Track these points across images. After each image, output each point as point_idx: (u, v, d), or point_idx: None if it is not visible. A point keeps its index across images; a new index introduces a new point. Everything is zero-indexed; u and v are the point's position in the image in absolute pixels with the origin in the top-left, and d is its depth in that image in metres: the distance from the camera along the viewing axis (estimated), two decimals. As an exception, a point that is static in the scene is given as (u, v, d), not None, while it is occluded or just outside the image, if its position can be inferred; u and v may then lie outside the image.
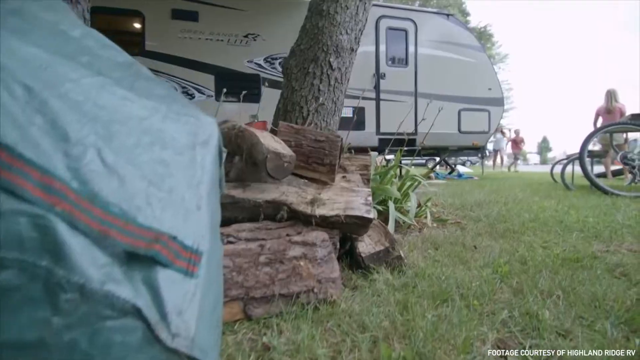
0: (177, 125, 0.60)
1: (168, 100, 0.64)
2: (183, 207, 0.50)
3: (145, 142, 0.52)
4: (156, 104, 0.59)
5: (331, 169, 1.27)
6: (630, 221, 1.85)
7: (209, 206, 0.57)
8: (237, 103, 4.76)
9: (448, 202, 2.63)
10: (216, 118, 0.78)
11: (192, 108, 0.69)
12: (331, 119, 2.21)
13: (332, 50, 2.16)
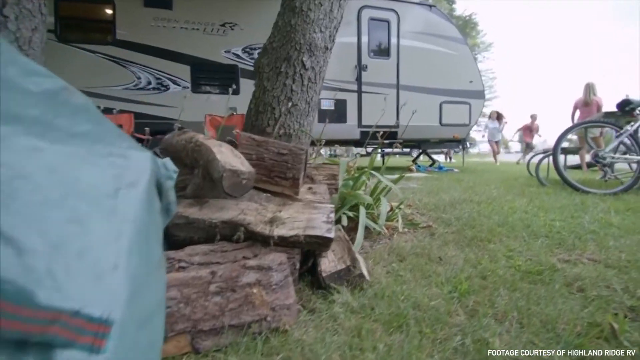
0: (98, 170, 0.55)
1: (91, 139, 0.59)
2: (95, 270, 0.46)
3: (55, 197, 0.47)
4: (74, 147, 0.54)
5: (294, 182, 1.23)
6: (595, 225, 1.90)
7: (131, 260, 0.53)
8: (214, 95, 4.64)
9: (423, 202, 2.65)
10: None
11: (121, 144, 0.64)
12: (304, 120, 2.16)
13: (305, 49, 2.10)
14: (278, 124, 2.07)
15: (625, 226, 1.89)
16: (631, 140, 3.12)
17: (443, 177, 5.21)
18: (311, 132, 2.26)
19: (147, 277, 0.64)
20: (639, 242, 1.61)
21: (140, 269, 0.60)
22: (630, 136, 3.12)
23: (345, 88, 5.47)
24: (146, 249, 0.64)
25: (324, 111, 5.31)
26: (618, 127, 3.18)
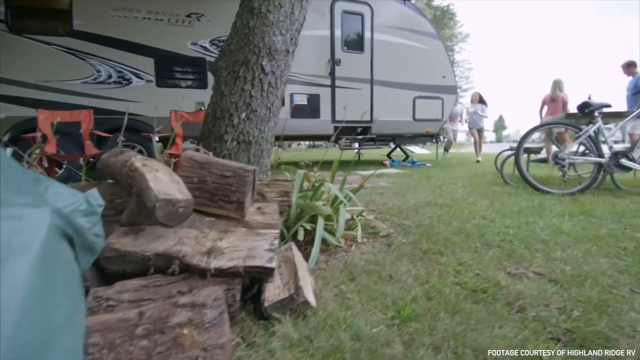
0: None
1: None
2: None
3: None
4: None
5: (240, 206, 1.19)
6: (547, 232, 1.96)
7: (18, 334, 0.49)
8: (180, 89, 4.47)
9: (388, 205, 2.66)
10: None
11: (18, 201, 0.58)
12: (265, 126, 2.10)
13: (264, 52, 2.03)
14: (237, 131, 2.00)
15: (576, 233, 1.95)
16: (589, 142, 3.23)
17: (415, 173, 5.27)
18: (273, 138, 2.21)
19: (46, 342, 0.59)
20: (585, 252, 1.67)
21: (34, 336, 0.55)
22: (588, 138, 3.22)
23: (319, 82, 5.40)
24: (43, 312, 0.60)
25: (297, 106, 5.24)
26: (578, 129, 3.28)
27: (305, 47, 5.25)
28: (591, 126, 3.23)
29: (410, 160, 6.63)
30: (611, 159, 3.12)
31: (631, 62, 6.11)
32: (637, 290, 1.30)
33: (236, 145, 2.01)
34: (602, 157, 3.16)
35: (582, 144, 3.36)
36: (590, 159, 3.22)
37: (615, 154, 3.12)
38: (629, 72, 6.12)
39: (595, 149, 3.20)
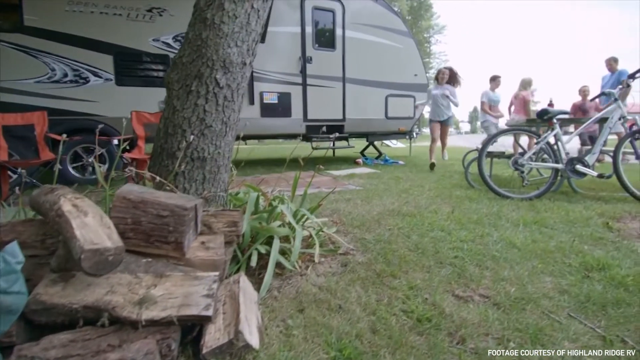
0: None
1: None
2: None
3: None
4: None
5: (178, 246, 1.15)
6: (499, 247, 2.01)
7: None
8: (141, 88, 4.29)
9: (352, 216, 2.66)
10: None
11: None
12: (221, 141, 2.04)
13: (219, 65, 1.95)
14: (190, 148, 1.93)
15: (526, 247, 2.02)
16: (547, 148, 3.34)
17: (385, 172, 5.31)
18: (231, 152, 2.15)
19: None
20: (531, 270, 1.73)
21: None
22: (547, 144, 3.33)
23: (290, 81, 5.31)
24: None
25: (267, 105, 5.14)
26: (537, 135, 3.38)
27: (275, 45, 5.15)
28: (549, 132, 3.34)
29: (383, 158, 6.68)
30: (567, 164, 3.24)
31: (614, 58, 6.32)
32: (574, 315, 1.35)
33: (190, 163, 1.94)
34: (559, 162, 3.28)
35: (542, 149, 3.47)
36: (547, 165, 3.33)
37: (571, 160, 3.24)
38: (612, 67, 6.32)
39: (553, 155, 3.32)
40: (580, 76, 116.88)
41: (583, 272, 1.71)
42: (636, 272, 1.65)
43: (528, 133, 3.84)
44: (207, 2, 1.95)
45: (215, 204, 2.03)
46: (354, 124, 6.00)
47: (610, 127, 3.34)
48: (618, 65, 6.20)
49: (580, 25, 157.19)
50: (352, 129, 6.06)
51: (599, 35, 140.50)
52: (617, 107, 3.28)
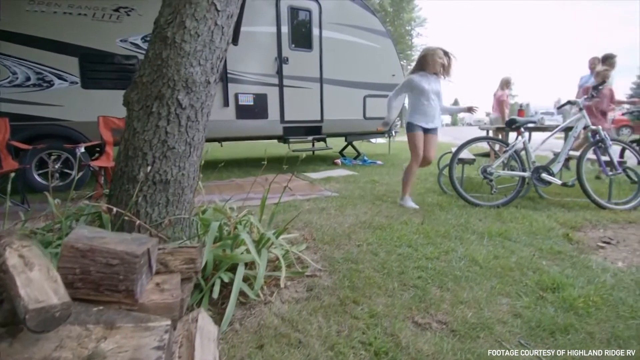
0: None
1: None
2: None
3: None
4: None
5: (129, 293, 1.12)
6: (462, 265, 2.07)
7: None
8: (109, 91, 4.14)
9: (323, 230, 2.67)
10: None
11: None
12: (185, 162, 1.99)
13: (180, 85, 1.90)
14: (153, 171, 1.88)
15: (488, 264, 2.08)
16: (515, 156, 3.43)
17: (363, 175, 5.32)
18: (197, 172, 2.11)
19: None
20: (490, 291, 1.78)
21: None
22: (514, 152, 3.42)
23: (266, 82, 5.23)
24: None
25: (243, 107, 5.06)
26: (505, 144, 3.46)
27: (251, 45, 5.04)
28: (517, 141, 3.42)
29: (361, 159, 6.71)
30: (533, 173, 3.34)
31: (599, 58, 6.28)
32: (523, 342, 1.41)
33: (152, 186, 1.90)
34: (526, 171, 3.38)
35: (512, 157, 3.55)
36: (514, 173, 3.43)
37: (537, 168, 3.34)
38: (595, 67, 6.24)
39: (520, 163, 3.41)
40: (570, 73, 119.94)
41: (538, 292, 1.78)
42: (587, 294, 1.73)
43: (498, 142, 3.93)
44: (167, 19, 1.89)
45: (180, 227, 2.00)
46: (332, 124, 5.99)
47: (575, 136, 3.45)
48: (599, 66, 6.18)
49: (570, 21, 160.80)
50: (330, 130, 6.05)
51: (588, 29, 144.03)
52: (581, 116, 3.39)
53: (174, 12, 1.89)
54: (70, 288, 1.13)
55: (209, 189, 4.21)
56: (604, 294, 1.75)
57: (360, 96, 6.25)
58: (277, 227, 2.73)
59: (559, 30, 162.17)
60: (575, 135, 3.41)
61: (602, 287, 1.81)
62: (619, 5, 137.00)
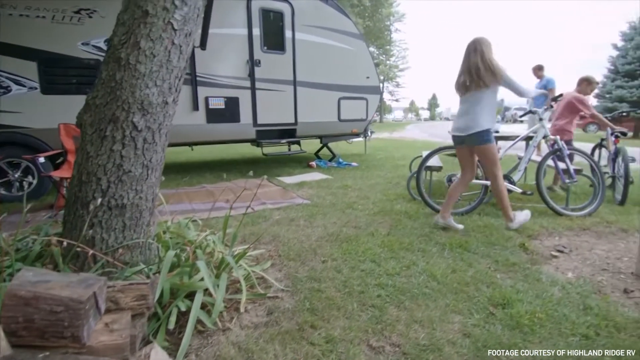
0: None
1: None
2: None
3: None
4: None
5: (75, 339, 1.11)
6: (420, 280, 2.13)
7: None
8: (71, 96, 3.98)
9: (290, 244, 2.68)
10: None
11: None
12: (143, 185, 1.95)
13: (136, 108, 1.85)
14: (107, 196, 1.84)
15: (445, 279, 2.15)
16: (478, 165, 3.53)
17: (337, 179, 5.35)
18: (156, 193, 2.07)
19: None
20: (444, 309, 1.85)
21: None
22: (479, 162, 3.51)
23: (237, 85, 5.16)
24: None
25: (213, 110, 4.98)
26: None
27: (221, 47, 4.95)
28: None
29: (337, 161, 6.74)
30: None
31: (539, 65, 6.62)
32: (469, 365, 1.48)
33: (107, 211, 1.86)
34: (489, 179, 3.49)
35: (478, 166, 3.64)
36: (477, 182, 3.54)
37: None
38: (538, 74, 6.61)
39: (484, 172, 3.52)
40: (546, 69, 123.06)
41: (489, 309, 1.86)
42: (533, 310, 1.82)
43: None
44: (121, 40, 1.84)
45: (139, 251, 1.97)
46: (306, 127, 5.99)
47: (535, 146, 3.58)
48: (544, 73, 6.48)
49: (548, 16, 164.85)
50: (305, 133, 6.04)
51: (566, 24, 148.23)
52: (541, 126, 3.52)
53: (128, 32, 1.84)
54: (14, 336, 1.10)
55: (178, 196, 4.15)
56: (550, 309, 1.85)
57: (334, 98, 6.26)
58: (245, 240, 2.75)
59: (535, 25, 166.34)
60: (535, 144, 3.55)
61: (548, 302, 1.91)
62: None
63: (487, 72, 2.74)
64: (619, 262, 2.51)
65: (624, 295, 2.05)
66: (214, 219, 3.21)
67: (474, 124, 2.86)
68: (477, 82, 2.80)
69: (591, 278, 2.26)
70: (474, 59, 2.80)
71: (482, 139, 2.86)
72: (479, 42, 2.83)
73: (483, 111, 2.85)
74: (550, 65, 7.28)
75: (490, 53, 2.79)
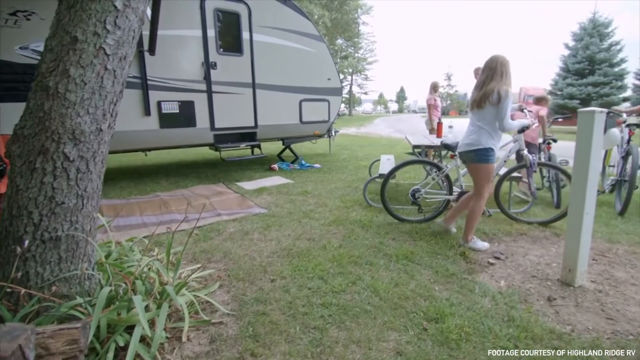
0: None
1: None
2: None
3: None
4: None
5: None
6: (364, 297, 2.23)
7: None
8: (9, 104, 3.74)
9: (240, 262, 2.70)
10: None
11: None
12: (78, 216, 1.90)
13: (67, 138, 1.79)
14: (40, 229, 1.78)
15: (387, 293, 2.27)
16: (444, 180, 3.66)
17: (297, 184, 5.36)
18: (94, 221, 2.01)
19: None
20: (382, 327, 1.95)
21: None
22: (445, 176, 3.60)
23: (192, 88, 5.02)
24: None
25: (167, 115, 4.83)
26: (438, 168, 3.64)
27: (174, 50, 4.80)
28: (449, 166, 3.60)
29: (299, 163, 6.77)
30: (458, 195, 3.54)
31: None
32: (397, 385, 1.59)
33: (41, 245, 1.80)
34: (451, 194, 3.63)
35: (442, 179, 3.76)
36: (439, 198, 3.67)
37: (461, 193, 3.56)
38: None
39: (448, 186, 3.64)
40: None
41: (423, 324, 1.99)
42: (462, 324, 1.97)
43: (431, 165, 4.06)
44: (49, 67, 1.76)
45: (77, 281, 1.92)
46: (267, 130, 5.96)
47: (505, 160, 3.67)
48: None
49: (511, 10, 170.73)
50: (266, 135, 6.01)
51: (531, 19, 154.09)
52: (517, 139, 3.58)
53: (57, 59, 1.76)
54: None
55: (129, 207, 4.02)
56: (477, 322, 2.00)
57: (296, 100, 6.26)
58: (195, 259, 2.74)
59: (501, 18, 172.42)
60: (506, 158, 3.62)
61: (477, 315, 2.07)
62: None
63: (497, 95, 2.77)
64: (548, 268, 2.73)
65: (547, 304, 2.24)
66: (165, 234, 3.16)
67: (475, 142, 2.90)
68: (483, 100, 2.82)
69: (520, 286, 2.46)
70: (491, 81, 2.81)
71: (479, 157, 2.89)
72: (502, 63, 2.81)
73: (490, 129, 2.86)
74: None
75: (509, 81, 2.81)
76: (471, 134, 2.95)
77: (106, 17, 1.81)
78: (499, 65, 2.81)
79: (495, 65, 2.82)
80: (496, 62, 2.82)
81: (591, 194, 2.38)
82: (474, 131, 2.93)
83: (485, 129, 2.87)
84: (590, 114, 2.31)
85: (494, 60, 2.84)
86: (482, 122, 2.88)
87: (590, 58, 16.66)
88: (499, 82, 2.78)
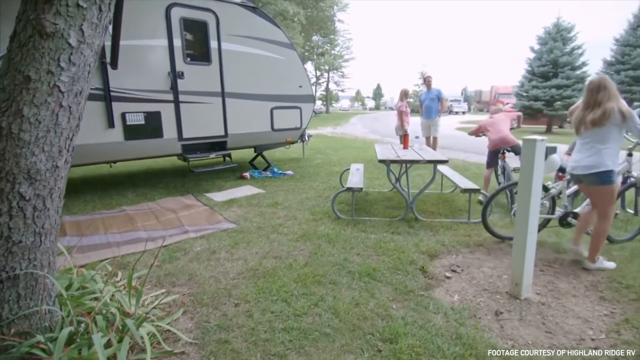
0: None
1: None
2: None
3: None
4: None
5: None
6: (324, 320, 2.33)
7: None
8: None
9: (205, 285, 2.73)
10: None
11: None
12: (36, 253, 1.89)
13: (22, 177, 1.78)
14: (-6, 270, 1.76)
15: (347, 315, 2.37)
16: (549, 200, 3.64)
17: (268, 194, 5.38)
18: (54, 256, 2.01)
19: None
20: (339, 350, 2.06)
21: None
22: (551, 197, 3.60)
23: (158, 98, 4.95)
24: None
25: (132, 127, 4.75)
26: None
27: (138, 60, 4.70)
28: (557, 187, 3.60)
29: (271, 170, 6.80)
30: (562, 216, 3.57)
31: (430, 76, 7.87)
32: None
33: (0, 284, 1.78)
34: (553, 214, 3.62)
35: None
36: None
37: (566, 214, 3.55)
38: (429, 84, 7.84)
39: (552, 207, 3.63)
40: (479, 62, 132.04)
41: (378, 345, 2.11)
42: (413, 344, 2.11)
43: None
44: (2, 107, 1.74)
45: (38, 317, 1.91)
46: (238, 138, 5.95)
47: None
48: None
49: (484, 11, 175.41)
50: (237, 144, 6.00)
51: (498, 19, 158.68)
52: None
53: (9, 99, 1.75)
54: None
55: (93, 224, 3.94)
56: (427, 341, 2.14)
57: (267, 108, 6.28)
58: (160, 283, 2.76)
59: (474, 18, 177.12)
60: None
61: (428, 334, 2.21)
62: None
63: (619, 113, 2.77)
64: (499, 280, 2.93)
65: (494, 318, 2.43)
66: (130, 254, 3.15)
67: (597, 164, 2.86)
68: (603, 120, 2.80)
69: (472, 300, 2.64)
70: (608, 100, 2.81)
71: (603, 179, 2.86)
72: (612, 84, 2.86)
73: (612, 150, 2.85)
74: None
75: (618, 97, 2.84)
76: (590, 155, 2.90)
77: (60, 54, 1.80)
78: (609, 85, 2.85)
79: (607, 85, 2.85)
80: (607, 82, 2.86)
81: (534, 214, 2.58)
82: (594, 152, 2.89)
83: (607, 150, 2.85)
84: (532, 142, 2.51)
85: (605, 80, 2.88)
86: (603, 143, 2.85)
87: (554, 61, 17.45)
88: (618, 101, 2.81)
